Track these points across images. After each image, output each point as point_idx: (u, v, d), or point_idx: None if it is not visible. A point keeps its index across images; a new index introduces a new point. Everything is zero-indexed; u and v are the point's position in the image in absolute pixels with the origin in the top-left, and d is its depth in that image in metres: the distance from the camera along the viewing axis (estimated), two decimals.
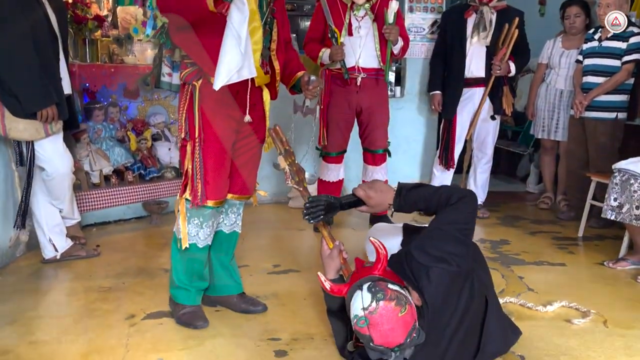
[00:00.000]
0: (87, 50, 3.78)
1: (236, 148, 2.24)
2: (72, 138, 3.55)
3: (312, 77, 2.30)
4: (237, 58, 1.87)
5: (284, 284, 2.72)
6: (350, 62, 3.50)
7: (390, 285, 1.62)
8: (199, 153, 2.12)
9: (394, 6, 3.39)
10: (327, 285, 1.74)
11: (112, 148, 3.86)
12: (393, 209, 1.93)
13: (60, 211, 3.01)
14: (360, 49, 3.50)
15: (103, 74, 3.78)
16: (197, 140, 2.11)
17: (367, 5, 3.48)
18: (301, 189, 2.12)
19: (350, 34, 3.49)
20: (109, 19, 4.01)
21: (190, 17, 1.95)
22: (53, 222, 2.96)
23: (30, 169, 2.81)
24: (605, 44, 3.71)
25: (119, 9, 4.02)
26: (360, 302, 1.58)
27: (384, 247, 1.69)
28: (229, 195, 2.30)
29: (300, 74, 2.33)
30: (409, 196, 1.89)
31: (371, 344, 1.56)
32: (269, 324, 2.28)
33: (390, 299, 1.57)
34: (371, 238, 1.74)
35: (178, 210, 2.20)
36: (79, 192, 3.49)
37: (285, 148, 2.14)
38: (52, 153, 2.80)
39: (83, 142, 3.64)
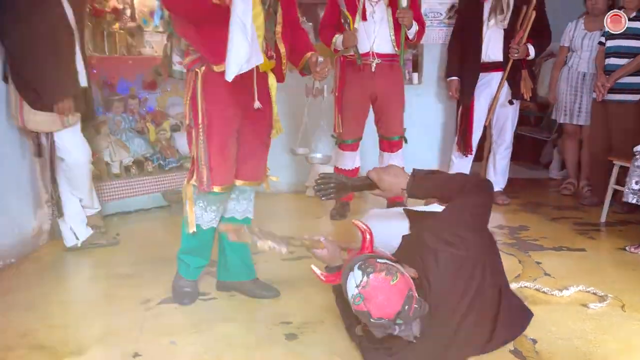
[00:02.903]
0: (106, 42, 3.84)
1: (243, 134, 2.25)
2: (92, 129, 3.64)
3: (320, 58, 2.29)
4: (245, 48, 1.89)
5: (297, 270, 2.73)
6: (364, 48, 3.47)
7: (379, 260, 1.62)
8: (203, 139, 2.13)
9: None
10: (322, 276, 1.76)
11: (131, 139, 3.93)
12: (406, 195, 1.91)
13: (80, 201, 3.08)
14: (375, 34, 3.47)
15: (121, 66, 3.85)
16: (200, 126, 2.13)
17: None
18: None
19: (364, 18, 3.45)
20: (127, 12, 4.07)
21: (195, 14, 1.96)
22: (74, 211, 3.04)
23: (53, 159, 2.89)
24: (629, 24, 3.60)
25: (136, 0, 4.07)
26: (353, 281, 1.59)
27: (367, 226, 1.70)
28: (239, 182, 2.32)
29: (308, 54, 2.32)
30: (422, 182, 1.86)
31: (371, 319, 1.56)
32: (281, 308, 2.30)
33: (380, 270, 1.57)
34: (354, 220, 1.76)
35: (185, 195, 2.23)
36: (100, 182, 3.57)
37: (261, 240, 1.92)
38: (70, 144, 2.87)
39: (103, 133, 3.72)
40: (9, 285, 2.59)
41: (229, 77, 1.91)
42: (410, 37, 3.51)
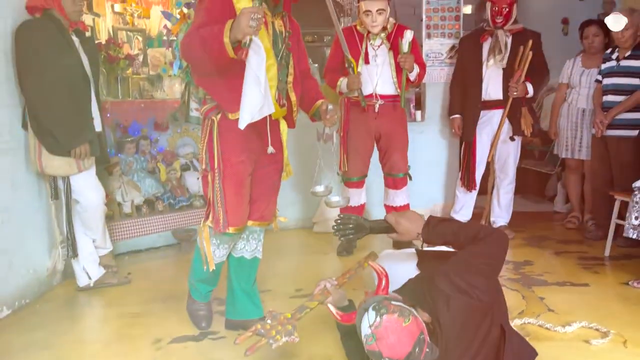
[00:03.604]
0: (119, 87, 3.99)
1: (256, 177, 2.35)
2: (105, 171, 3.75)
3: (330, 106, 2.42)
4: (258, 98, 2.02)
5: None
6: (368, 89, 3.60)
7: (393, 302, 1.68)
8: (218, 183, 2.24)
9: (408, 36, 3.48)
10: (338, 315, 1.83)
11: (143, 179, 4.04)
12: (422, 239, 1.98)
13: (93, 241, 3.17)
14: (378, 76, 3.61)
15: (134, 109, 4.00)
16: (216, 170, 2.24)
17: (382, 35, 3.60)
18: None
19: (367, 62, 3.60)
20: (140, 57, 4.24)
21: (212, 65, 2.08)
22: (87, 251, 3.13)
23: (68, 202, 3.00)
24: (624, 63, 3.72)
25: (149, 51, 4.25)
26: (367, 322, 1.65)
27: (384, 269, 1.76)
28: (250, 222, 2.41)
29: (319, 102, 2.46)
30: (437, 227, 1.94)
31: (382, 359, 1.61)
32: (288, 346, 2.34)
33: (393, 311, 1.62)
34: (370, 262, 1.81)
35: (202, 236, 2.32)
36: (112, 222, 3.67)
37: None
38: (85, 187, 2.99)
39: (115, 174, 3.84)
40: (25, 325, 2.67)
41: (242, 125, 2.03)
42: (412, 79, 3.63)
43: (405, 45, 3.47)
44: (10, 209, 2.82)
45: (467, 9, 8.27)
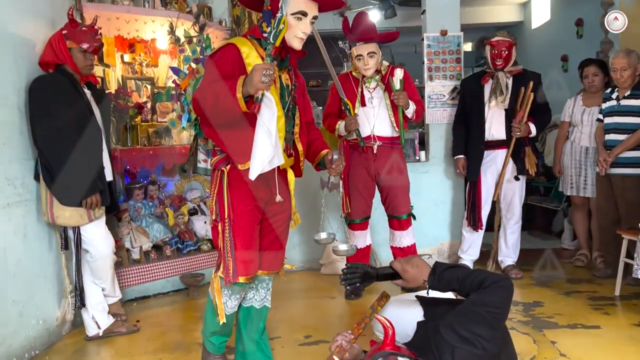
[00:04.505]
0: (128, 135, 4.07)
1: (264, 226, 2.39)
2: (114, 218, 3.79)
3: (335, 156, 2.47)
4: (269, 150, 2.08)
5: (314, 356, 2.77)
6: (365, 132, 3.66)
7: (399, 357, 1.68)
8: (229, 232, 2.27)
9: (398, 73, 3.56)
10: None
11: (151, 224, 4.07)
12: (428, 286, 1.99)
13: (102, 290, 3.19)
14: (375, 118, 3.67)
15: (142, 156, 4.08)
16: (226, 220, 2.27)
17: (377, 77, 3.69)
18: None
19: (363, 104, 3.68)
20: (148, 105, 4.33)
21: (223, 119, 2.15)
22: (96, 300, 3.14)
23: (78, 252, 3.03)
24: (624, 102, 3.77)
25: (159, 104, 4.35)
26: None
27: (390, 322, 1.77)
28: (259, 272, 2.43)
29: (324, 152, 2.51)
30: (443, 275, 1.94)
31: None
32: None
33: None
34: (377, 315, 1.82)
35: (213, 287, 2.33)
36: (121, 268, 3.69)
37: None
38: (96, 236, 3.02)
39: (124, 221, 3.87)
40: None
41: (252, 176, 2.09)
42: (409, 115, 3.68)
43: (396, 83, 3.55)
44: (22, 260, 2.85)
45: (467, 47, 8.46)
